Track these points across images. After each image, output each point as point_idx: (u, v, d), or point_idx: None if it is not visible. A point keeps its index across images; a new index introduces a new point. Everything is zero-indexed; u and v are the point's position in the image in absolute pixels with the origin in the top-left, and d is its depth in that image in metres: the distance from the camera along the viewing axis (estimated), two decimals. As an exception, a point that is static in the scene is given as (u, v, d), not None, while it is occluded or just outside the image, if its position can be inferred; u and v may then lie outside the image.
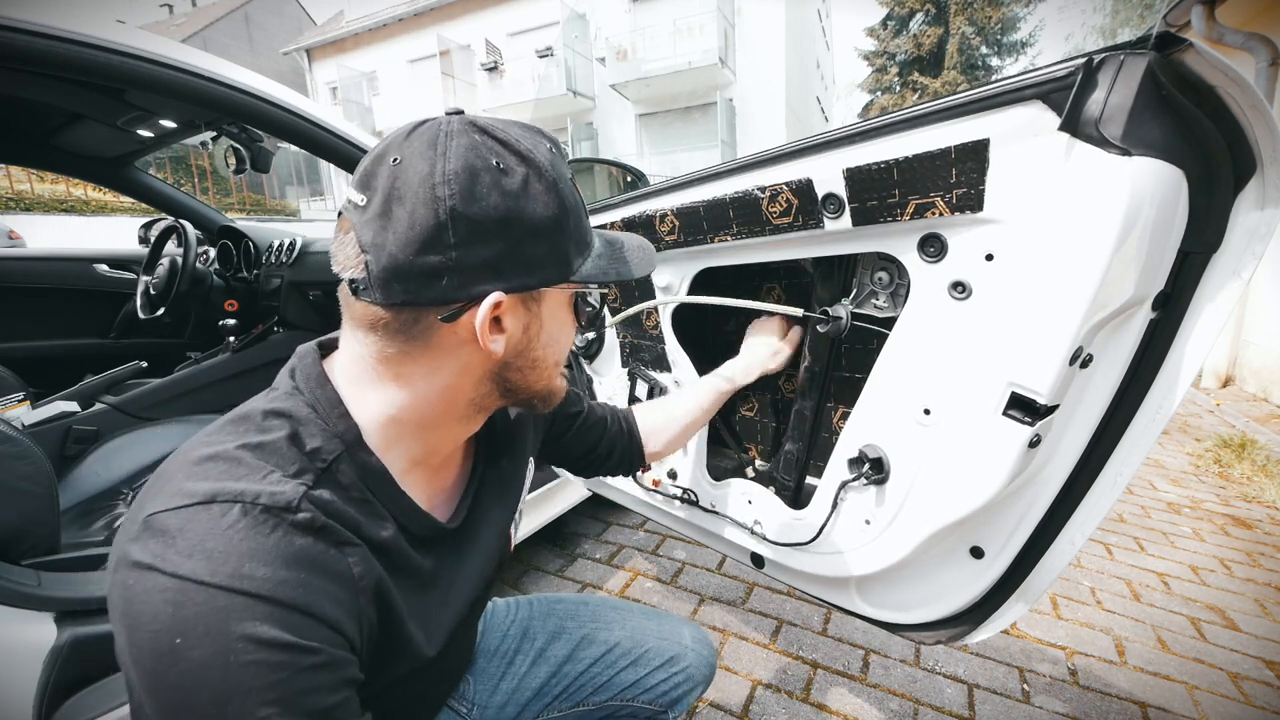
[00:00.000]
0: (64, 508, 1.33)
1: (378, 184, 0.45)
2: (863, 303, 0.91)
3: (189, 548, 0.38)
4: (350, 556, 0.44)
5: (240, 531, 0.39)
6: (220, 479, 0.41)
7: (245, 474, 0.42)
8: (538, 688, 0.82)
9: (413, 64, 16.08)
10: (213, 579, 0.37)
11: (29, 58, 0.89)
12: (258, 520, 0.40)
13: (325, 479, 0.45)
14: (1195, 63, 0.54)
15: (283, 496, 0.41)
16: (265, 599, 0.37)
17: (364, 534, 0.47)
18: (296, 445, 0.46)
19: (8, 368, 1.89)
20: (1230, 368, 4.17)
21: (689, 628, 0.91)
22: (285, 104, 1.23)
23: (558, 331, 0.55)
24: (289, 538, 0.40)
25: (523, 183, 0.46)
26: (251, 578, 0.37)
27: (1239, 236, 0.64)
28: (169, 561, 0.37)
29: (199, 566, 0.37)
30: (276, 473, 0.43)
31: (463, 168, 0.44)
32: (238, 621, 0.36)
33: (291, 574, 0.39)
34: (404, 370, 0.49)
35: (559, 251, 0.49)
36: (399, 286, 0.44)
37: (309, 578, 0.40)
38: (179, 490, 0.40)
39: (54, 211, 9.25)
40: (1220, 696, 1.39)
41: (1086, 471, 0.75)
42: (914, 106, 0.69)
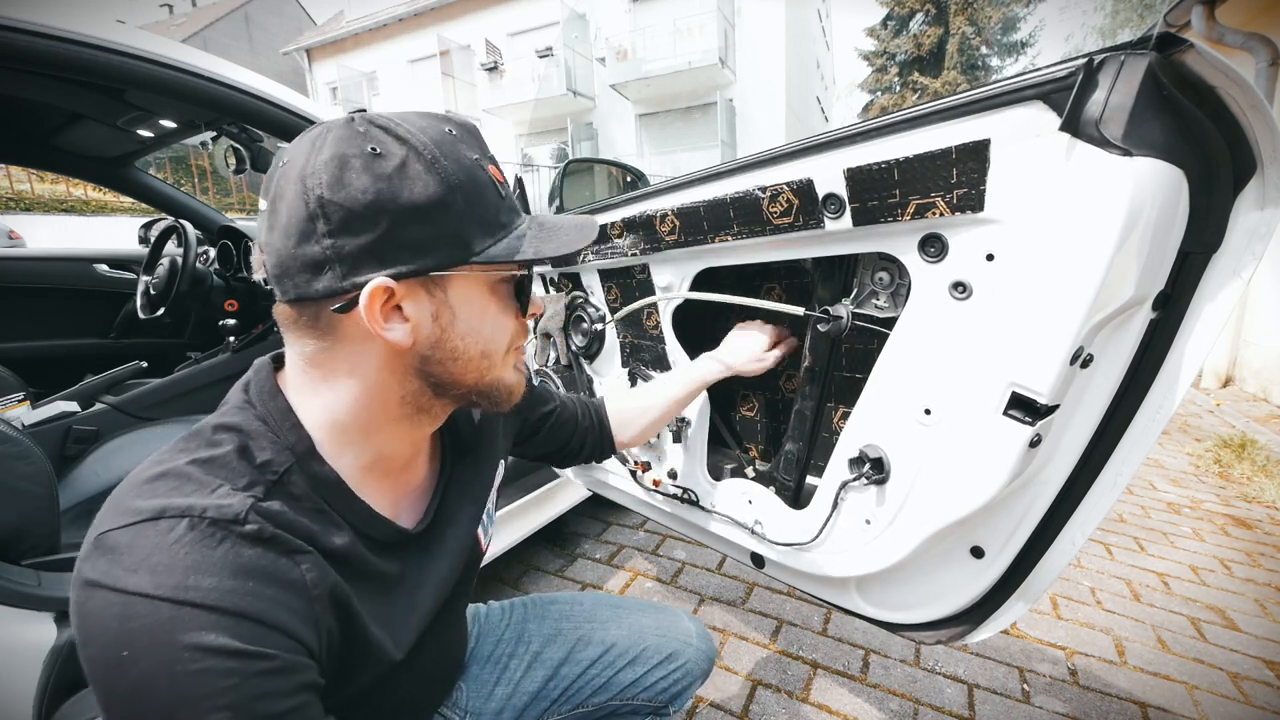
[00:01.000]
0: (64, 508, 1.32)
1: (271, 186, 0.47)
2: (863, 303, 0.91)
3: (135, 563, 0.38)
4: (302, 564, 0.44)
5: (186, 545, 0.39)
6: (169, 495, 0.41)
7: (194, 489, 0.42)
8: (534, 691, 0.81)
9: (413, 64, 16.08)
10: (157, 591, 0.37)
11: (29, 58, 0.89)
12: (204, 534, 0.40)
13: (276, 491, 0.46)
14: (1195, 63, 0.55)
15: (229, 509, 0.41)
16: (211, 608, 0.38)
17: (318, 543, 0.46)
18: (246, 459, 0.46)
19: (8, 368, 1.89)
20: (1230, 368, 4.18)
21: (686, 621, 0.90)
22: (285, 104, 1.23)
23: (477, 320, 0.52)
24: (236, 549, 0.41)
25: (399, 165, 0.45)
26: (197, 588, 0.38)
27: (1239, 236, 0.64)
28: (115, 577, 0.38)
29: (144, 580, 0.37)
30: (225, 486, 0.43)
31: (332, 156, 0.44)
32: (183, 632, 0.37)
33: (239, 583, 0.39)
34: (330, 370, 0.49)
35: (449, 233, 0.47)
36: (289, 281, 0.46)
37: (258, 586, 0.40)
38: (128, 508, 0.41)
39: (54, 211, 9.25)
40: (1220, 696, 1.39)
41: (1086, 471, 0.75)
42: (914, 106, 0.69)
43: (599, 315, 1.31)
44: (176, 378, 1.92)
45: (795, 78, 14.34)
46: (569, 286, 1.37)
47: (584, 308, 1.32)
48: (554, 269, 1.35)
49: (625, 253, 1.13)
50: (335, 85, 17.20)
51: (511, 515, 1.66)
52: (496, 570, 1.91)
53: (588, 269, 1.28)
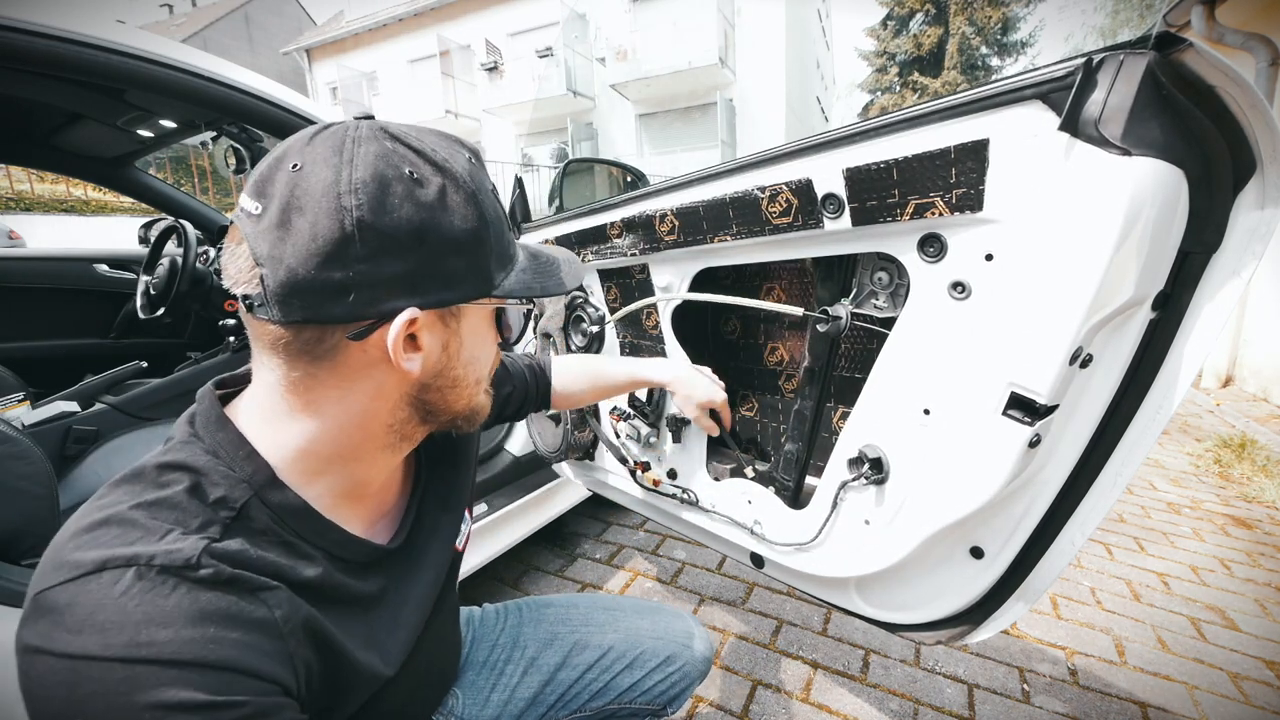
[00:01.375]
0: (64, 508, 1.33)
1: (274, 191, 0.41)
2: (862, 303, 0.91)
3: (78, 623, 0.35)
4: (269, 601, 0.42)
5: (134, 598, 0.36)
6: (111, 545, 0.38)
7: (139, 536, 0.38)
8: (531, 698, 0.80)
9: (413, 64, 16.07)
10: (107, 652, 0.34)
11: (29, 58, 0.89)
12: (154, 583, 0.36)
13: (235, 528, 0.43)
14: (1195, 63, 0.54)
15: (180, 554, 0.38)
16: (170, 663, 0.35)
17: (285, 576, 0.44)
18: (198, 498, 0.42)
19: (8, 368, 1.89)
20: (1230, 368, 4.17)
21: (682, 621, 0.89)
22: (285, 104, 1.23)
23: (478, 349, 0.53)
24: (192, 595, 0.37)
25: (439, 194, 0.44)
26: (151, 644, 0.35)
27: (1239, 236, 0.64)
28: (57, 641, 0.34)
29: (90, 642, 0.34)
30: (175, 530, 0.39)
31: (372, 176, 0.41)
32: (142, 691, 0.34)
33: (198, 631, 0.36)
34: (313, 397, 0.46)
35: (479, 266, 0.47)
36: (298, 302, 0.41)
37: (220, 632, 0.37)
38: (66, 562, 0.37)
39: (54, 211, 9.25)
40: (1220, 696, 1.39)
41: (1086, 471, 0.75)
42: (914, 106, 0.69)
43: (598, 315, 1.31)
44: (176, 378, 1.92)
45: (795, 78, 14.34)
46: (569, 286, 1.37)
47: (584, 308, 1.32)
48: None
49: (625, 253, 1.13)
50: (335, 85, 17.19)
51: (511, 515, 1.66)
52: (496, 570, 1.91)
53: (587, 269, 1.28)
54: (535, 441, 1.51)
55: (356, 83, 16.87)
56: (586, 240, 1.21)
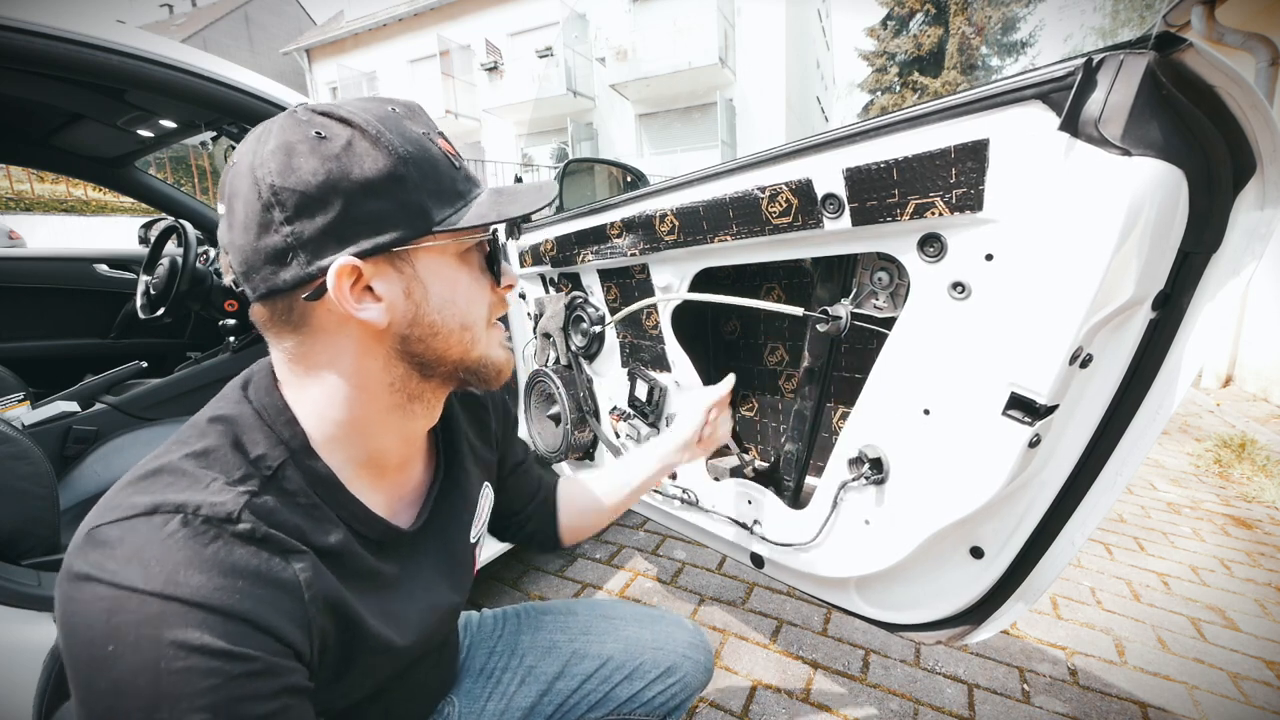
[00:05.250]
0: (64, 508, 1.32)
1: (225, 189, 0.47)
2: (862, 303, 0.91)
3: (127, 557, 0.38)
4: (296, 564, 0.44)
5: (179, 541, 0.39)
6: (163, 491, 0.41)
7: (188, 485, 0.42)
8: (528, 707, 0.79)
9: (413, 64, 16.06)
10: (147, 586, 0.37)
11: (29, 58, 0.89)
12: (198, 531, 0.40)
13: (270, 486, 0.45)
14: (1195, 63, 0.55)
15: (223, 507, 0.41)
16: (198, 606, 0.37)
17: (310, 541, 0.46)
18: (240, 452, 0.46)
19: (8, 368, 1.89)
20: (1230, 368, 4.17)
21: (682, 630, 0.87)
22: (285, 104, 1.23)
23: (449, 291, 0.51)
24: (229, 548, 0.40)
25: (345, 144, 0.45)
26: (186, 585, 0.37)
27: (1239, 236, 0.64)
28: (106, 570, 0.37)
29: (134, 574, 0.37)
30: (219, 480, 0.43)
31: (278, 145, 0.44)
32: (169, 628, 0.36)
33: (228, 581, 0.39)
34: (311, 364, 0.49)
35: (408, 205, 0.47)
36: (256, 277, 0.46)
37: (248, 586, 0.40)
38: (122, 504, 0.41)
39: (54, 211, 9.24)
40: (1220, 696, 1.39)
41: (1086, 471, 0.75)
42: (914, 106, 0.69)
43: (599, 315, 1.31)
44: (176, 378, 1.92)
45: (795, 78, 14.33)
46: (569, 286, 1.37)
47: (583, 308, 1.32)
48: (553, 269, 1.35)
49: (625, 253, 1.13)
50: (335, 85, 17.19)
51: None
52: (495, 570, 1.90)
53: (587, 269, 1.28)
54: (535, 442, 1.51)
55: (356, 83, 16.87)
56: (586, 240, 1.21)
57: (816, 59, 18.58)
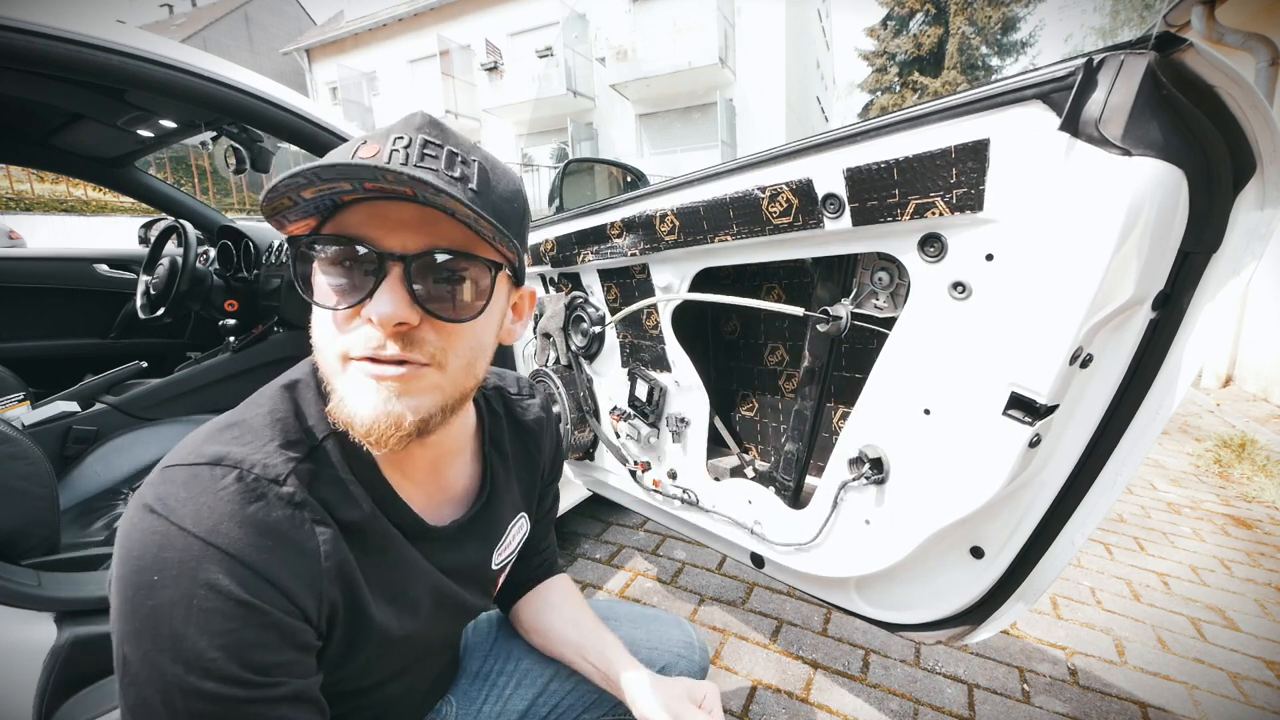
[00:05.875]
0: (64, 508, 1.32)
1: None
2: (863, 303, 0.91)
3: (185, 499, 0.43)
4: (320, 535, 0.48)
5: (229, 494, 0.43)
6: (230, 444, 0.47)
7: (250, 440, 0.47)
8: (523, 710, 0.79)
9: (413, 64, 16.05)
10: (195, 529, 0.42)
11: (29, 58, 0.89)
12: (248, 487, 0.44)
13: (314, 455, 0.50)
14: (1195, 63, 0.55)
15: (273, 469, 0.46)
16: (232, 556, 0.42)
17: (336, 515, 0.50)
18: (299, 420, 0.51)
19: (8, 368, 1.89)
20: (1230, 368, 4.18)
21: (678, 630, 0.86)
22: (285, 104, 1.23)
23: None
24: (269, 508, 0.45)
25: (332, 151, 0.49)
26: (226, 535, 0.42)
27: (1239, 236, 0.64)
28: (166, 507, 0.42)
29: (187, 516, 0.42)
30: (275, 441, 0.48)
31: None
32: (205, 570, 0.41)
33: (261, 540, 0.43)
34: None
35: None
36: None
37: (276, 547, 0.44)
38: (196, 450, 0.46)
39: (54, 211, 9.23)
40: (1220, 696, 1.39)
41: (1086, 471, 0.75)
42: (914, 106, 0.69)
43: (599, 315, 1.31)
44: (176, 378, 1.92)
45: (795, 78, 14.33)
46: (569, 286, 1.37)
47: (583, 308, 1.32)
48: (553, 269, 1.35)
49: (625, 253, 1.13)
50: (335, 85, 17.17)
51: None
52: (496, 570, 1.90)
53: (587, 269, 1.28)
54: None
55: (356, 83, 16.87)
56: (586, 240, 1.21)
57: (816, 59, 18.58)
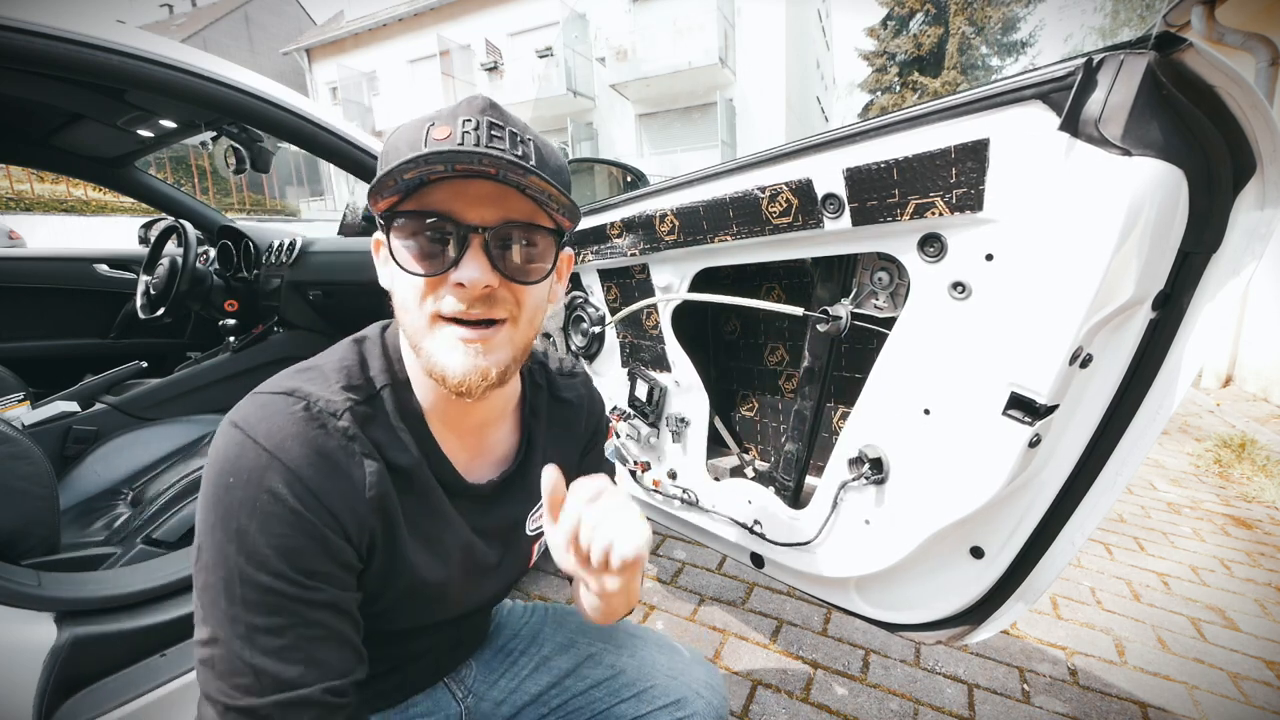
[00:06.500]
0: (64, 508, 1.32)
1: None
2: (863, 303, 0.91)
3: (262, 418, 0.51)
4: (368, 466, 0.54)
5: (296, 419, 0.51)
6: (304, 382, 0.55)
7: (320, 381, 0.55)
8: (536, 694, 0.80)
9: (413, 64, 16.06)
10: (266, 442, 0.49)
11: (29, 58, 0.89)
12: (311, 416, 0.52)
13: (371, 401, 0.57)
14: (1195, 63, 0.55)
15: (333, 405, 0.53)
16: (290, 470, 0.49)
17: (386, 455, 0.56)
18: (363, 370, 0.58)
19: (8, 368, 1.89)
20: (1230, 368, 4.17)
21: (702, 669, 0.82)
22: (285, 104, 1.23)
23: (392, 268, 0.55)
24: (327, 436, 0.52)
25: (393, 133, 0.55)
26: (289, 452, 0.49)
27: (1239, 236, 0.64)
28: (247, 423, 0.50)
29: (260, 430, 0.50)
30: (340, 384, 0.56)
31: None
32: (266, 476, 0.49)
33: (317, 461, 0.51)
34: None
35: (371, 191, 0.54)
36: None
37: (328, 470, 0.51)
38: (279, 383, 0.54)
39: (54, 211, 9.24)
40: (1220, 696, 1.39)
41: (1086, 471, 0.75)
42: (914, 106, 0.69)
43: (599, 315, 1.31)
44: (176, 378, 1.92)
45: (795, 78, 14.33)
46: (569, 286, 1.37)
47: (584, 308, 1.32)
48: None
49: (625, 253, 1.13)
50: (335, 85, 17.17)
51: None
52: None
53: (587, 269, 1.28)
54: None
55: (356, 83, 16.87)
56: (586, 240, 1.21)
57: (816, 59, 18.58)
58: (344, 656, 0.51)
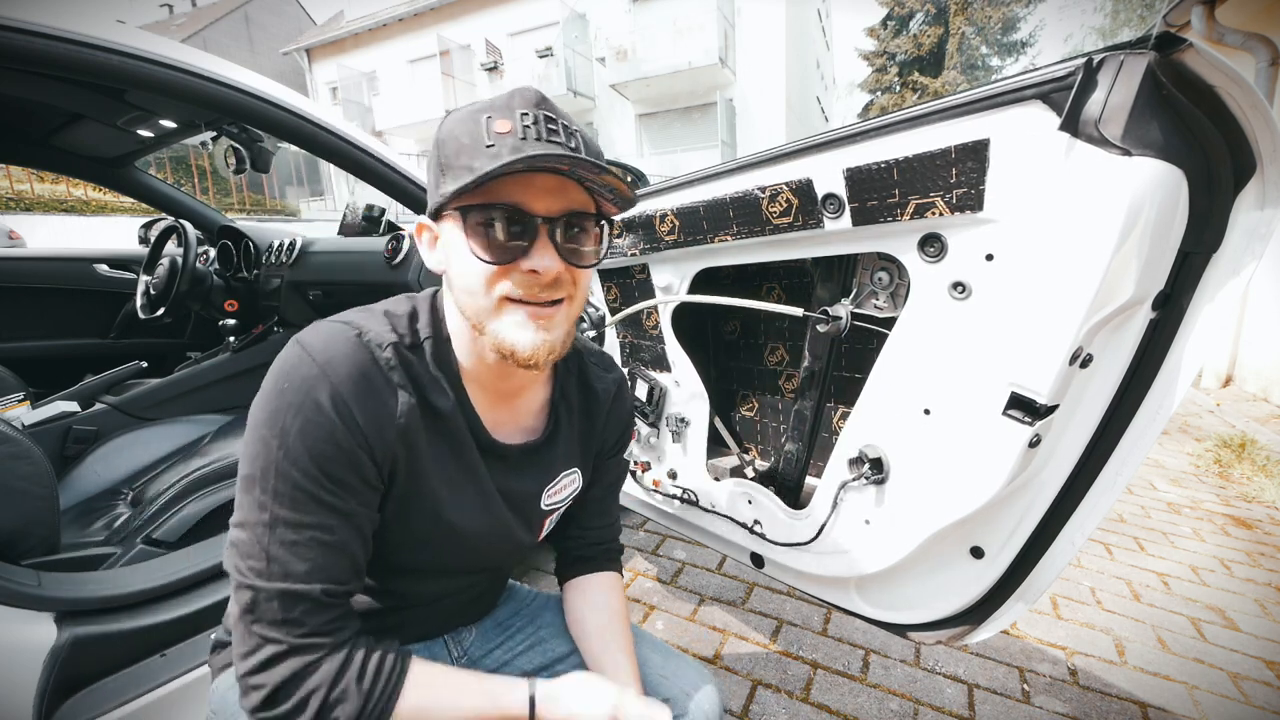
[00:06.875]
0: (64, 508, 1.33)
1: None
2: (863, 303, 0.91)
3: (319, 339, 0.57)
4: (401, 397, 0.59)
5: (348, 344, 0.57)
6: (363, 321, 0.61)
7: (376, 322, 0.62)
8: (527, 672, 0.80)
9: (413, 64, 16.05)
10: (319, 358, 0.55)
11: (29, 58, 0.89)
12: (360, 344, 0.58)
13: (414, 348, 0.63)
14: (1195, 63, 0.55)
15: (381, 338, 0.60)
16: (333, 385, 0.55)
17: (420, 393, 0.61)
18: (411, 320, 0.64)
19: (8, 368, 1.89)
20: (1230, 368, 4.18)
21: (698, 674, 0.79)
22: (285, 104, 1.23)
23: (455, 255, 0.60)
24: (369, 363, 0.58)
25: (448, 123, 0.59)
26: (336, 370, 0.55)
27: (1239, 236, 0.64)
28: (307, 342, 0.57)
29: (317, 349, 0.56)
30: (389, 327, 0.62)
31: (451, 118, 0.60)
32: (315, 389, 0.54)
33: (357, 380, 0.56)
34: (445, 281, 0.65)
35: (434, 177, 0.60)
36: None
37: (365, 392, 0.57)
38: (343, 317, 0.61)
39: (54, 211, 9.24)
40: (1220, 696, 1.39)
41: (1086, 471, 0.75)
42: (914, 106, 0.69)
43: (599, 316, 1.31)
44: (176, 378, 1.92)
45: (795, 78, 14.33)
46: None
47: (583, 308, 1.32)
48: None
49: (625, 253, 1.13)
50: (335, 85, 17.17)
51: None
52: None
53: None
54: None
55: (356, 83, 16.86)
56: None
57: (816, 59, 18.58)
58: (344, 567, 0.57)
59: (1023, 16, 20.02)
